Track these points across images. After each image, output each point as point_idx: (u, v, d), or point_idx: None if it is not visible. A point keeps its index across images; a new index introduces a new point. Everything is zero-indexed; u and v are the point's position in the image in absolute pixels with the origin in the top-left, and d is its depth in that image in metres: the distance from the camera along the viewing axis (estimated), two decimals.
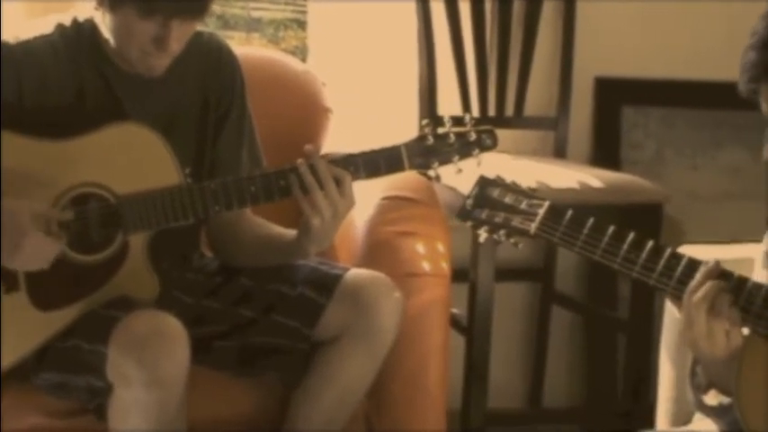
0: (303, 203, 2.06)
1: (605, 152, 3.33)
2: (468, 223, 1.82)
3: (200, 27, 2.17)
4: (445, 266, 2.37)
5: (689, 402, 2.00)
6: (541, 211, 1.75)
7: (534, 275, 3.29)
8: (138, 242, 2.11)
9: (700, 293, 1.61)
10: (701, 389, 1.73)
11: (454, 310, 2.71)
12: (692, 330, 1.62)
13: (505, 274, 3.05)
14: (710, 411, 1.74)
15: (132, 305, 2.08)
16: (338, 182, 2.06)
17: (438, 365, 2.35)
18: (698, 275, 1.63)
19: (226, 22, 3.21)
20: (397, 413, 2.35)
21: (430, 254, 2.37)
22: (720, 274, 1.63)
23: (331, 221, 2.07)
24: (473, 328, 2.80)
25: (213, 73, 2.24)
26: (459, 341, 2.82)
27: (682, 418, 2.04)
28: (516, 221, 1.77)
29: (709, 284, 1.62)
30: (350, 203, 2.07)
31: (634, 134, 3.37)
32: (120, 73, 2.15)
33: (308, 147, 2.08)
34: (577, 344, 3.38)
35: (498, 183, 1.81)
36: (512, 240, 1.79)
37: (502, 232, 1.79)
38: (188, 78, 2.21)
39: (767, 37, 1.57)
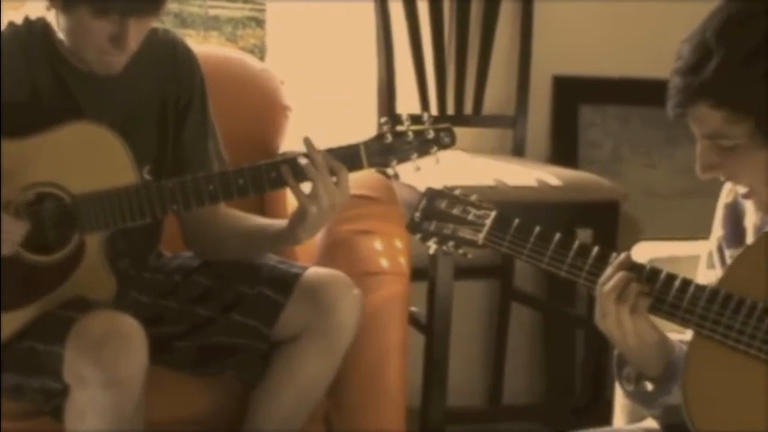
0: (298, 193, 2.07)
1: (563, 150, 3.35)
2: (417, 236, 1.84)
3: (156, 25, 2.16)
4: (404, 263, 2.38)
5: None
6: (488, 221, 1.77)
7: (493, 273, 3.30)
8: (94, 242, 2.10)
9: (609, 284, 1.65)
10: (630, 379, 1.75)
11: (413, 309, 2.71)
12: (604, 320, 1.66)
13: (464, 272, 3.06)
14: (638, 399, 1.76)
15: (89, 306, 2.07)
16: (335, 173, 2.06)
17: (397, 363, 2.36)
18: (609, 268, 1.67)
19: (183, 21, 3.20)
20: (356, 412, 2.35)
21: (388, 252, 2.37)
22: (632, 266, 1.66)
23: (327, 211, 2.07)
24: (432, 327, 2.81)
25: (170, 69, 2.23)
26: (418, 339, 2.82)
27: (638, 414, 2.05)
28: (464, 232, 1.79)
29: (618, 275, 1.65)
30: (346, 194, 2.08)
31: (592, 132, 3.39)
32: (75, 72, 2.13)
33: (306, 138, 2.08)
34: (536, 341, 3.39)
35: (446, 194, 1.82)
36: (460, 251, 1.81)
37: (451, 243, 1.81)
38: (144, 76, 2.20)
39: (692, 61, 1.58)
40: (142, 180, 2.11)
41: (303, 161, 2.06)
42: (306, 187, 2.08)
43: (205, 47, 2.95)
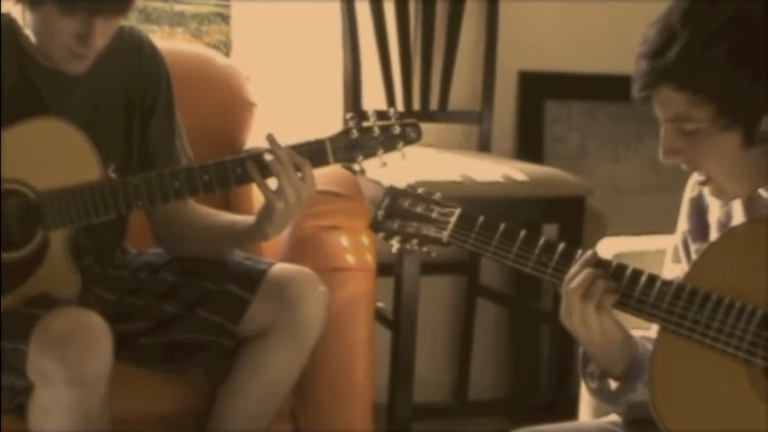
0: (264, 189, 2.06)
1: (529, 146, 3.36)
2: (381, 234, 1.83)
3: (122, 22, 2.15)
4: (370, 259, 2.38)
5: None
6: (453, 219, 1.76)
7: (459, 269, 3.31)
8: (58, 239, 2.08)
9: (575, 281, 1.65)
10: (594, 377, 1.76)
11: (380, 305, 2.71)
12: (570, 318, 1.67)
13: (431, 267, 3.06)
14: (602, 396, 1.77)
15: (54, 303, 2.06)
16: (300, 168, 2.06)
17: (364, 359, 2.36)
18: (575, 265, 1.67)
19: (148, 16, 3.18)
20: (323, 408, 2.35)
21: (354, 247, 2.37)
22: (597, 263, 1.67)
23: (295, 206, 2.07)
24: (399, 322, 2.81)
25: (136, 66, 2.22)
26: (385, 336, 2.82)
27: (604, 409, 2.06)
28: (428, 230, 1.78)
29: (584, 272, 1.65)
30: (312, 189, 2.08)
31: (557, 128, 3.40)
32: (41, 68, 2.12)
33: (269, 134, 2.07)
34: (502, 336, 3.40)
35: (408, 192, 1.82)
36: (424, 249, 1.81)
37: (414, 242, 1.80)
38: (110, 72, 2.19)
39: (657, 45, 1.59)
40: (107, 177, 2.10)
41: (268, 157, 2.06)
42: (272, 183, 2.08)
43: (170, 43, 2.94)
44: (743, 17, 1.56)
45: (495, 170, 2.92)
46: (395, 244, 1.83)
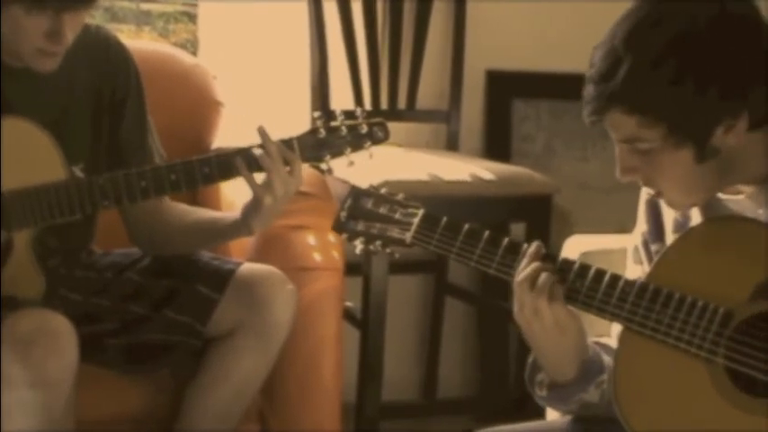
0: (252, 183, 2.06)
1: (496, 144, 3.37)
2: (344, 235, 1.83)
3: (88, 21, 2.14)
4: (337, 258, 2.37)
5: None
6: (416, 220, 1.76)
7: (427, 268, 3.31)
8: (22, 239, 2.07)
9: (522, 274, 1.66)
10: (542, 386, 1.76)
11: (348, 304, 2.71)
12: (522, 312, 1.67)
13: (399, 266, 3.06)
14: (552, 400, 1.77)
15: (18, 304, 2.04)
16: (289, 162, 2.05)
17: (332, 358, 2.35)
18: (524, 260, 1.68)
19: (114, 15, 3.16)
20: (292, 408, 2.34)
21: (322, 246, 2.37)
22: (545, 256, 1.68)
23: (282, 200, 2.07)
24: (367, 322, 2.81)
25: (103, 65, 2.21)
26: (353, 335, 2.82)
27: (566, 414, 2.07)
28: (392, 231, 1.78)
29: (532, 266, 1.66)
30: (299, 183, 2.08)
31: (525, 127, 3.41)
32: (8, 68, 2.10)
33: (260, 127, 2.07)
34: (471, 335, 3.41)
35: (372, 193, 1.81)
36: (388, 250, 1.80)
37: (378, 243, 1.80)
38: (77, 72, 2.18)
39: (602, 69, 1.60)
40: (72, 176, 2.08)
41: (257, 152, 2.05)
42: (258, 177, 2.06)
43: (137, 42, 2.92)
44: (685, 37, 1.57)
45: (463, 169, 2.92)
46: (358, 245, 1.82)
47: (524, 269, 1.67)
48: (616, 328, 1.75)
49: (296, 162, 2.06)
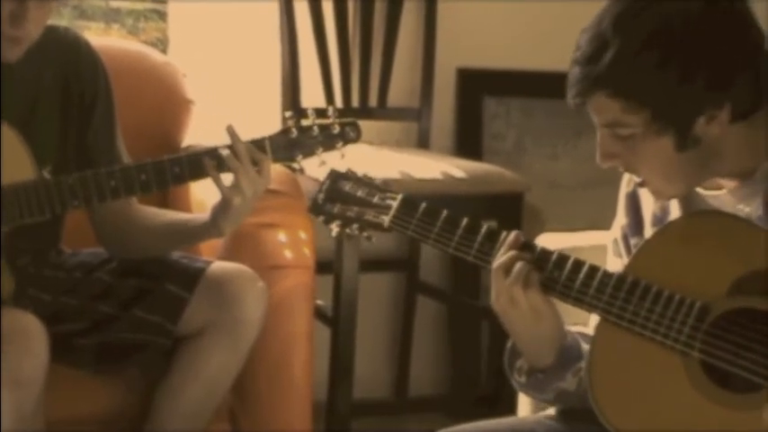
0: (220, 184, 2.04)
1: (467, 142, 3.37)
2: (320, 218, 1.81)
3: (56, 19, 2.12)
4: (308, 256, 2.37)
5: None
6: (395, 204, 1.76)
7: (399, 266, 3.31)
8: None
9: (499, 262, 1.67)
10: (521, 372, 1.77)
11: (319, 302, 2.71)
12: (498, 300, 1.68)
13: (370, 264, 3.06)
14: (530, 387, 1.78)
15: None
16: (257, 163, 2.04)
17: (303, 356, 2.35)
18: (502, 248, 1.69)
19: (83, 13, 3.14)
20: (262, 407, 2.34)
21: (293, 244, 2.36)
22: (523, 245, 1.68)
23: (251, 200, 2.06)
24: (338, 320, 2.81)
25: (73, 66, 2.20)
26: (324, 333, 2.81)
27: (542, 403, 2.08)
28: (369, 215, 1.77)
29: (509, 254, 1.67)
30: (268, 182, 2.07)
31: (495, 124, 3.41)
32: None
33: (229, 126, 2.05)
34: (442, 333, 3.41)
35: (350, 176, 1.81)
36: (365, 234, 1.79)
37: (355, 226, 1.79)
38: (45, 73, 2.16)
39: (589, 52, 1.60)
40: (41, 176, 2.07)
41: (224, 152, 2.04)
42: (226, 177, 2.06)
43: (106, 40, 2.91)
44: (673, 22, 1.58)
45: (434, 167, 2.92)
46: (334, 228, 1.81)
47: (501, 257, 1.67)
48: (594, 317, 1.76)
49: (264, 162, 2.06)
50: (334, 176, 1.81)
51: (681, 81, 1.57)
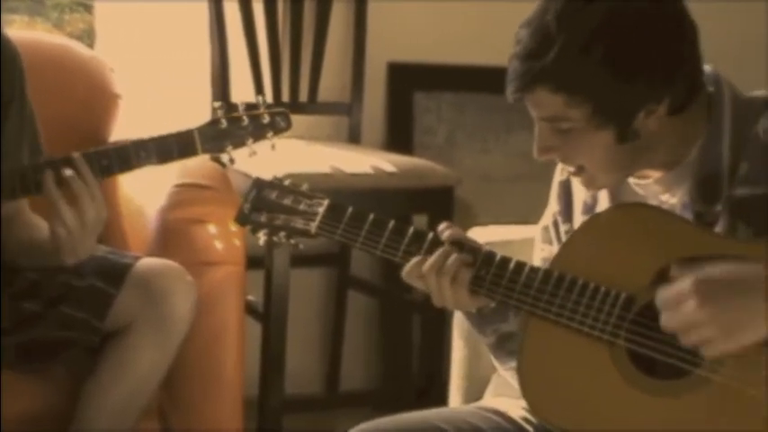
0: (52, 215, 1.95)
1: (398, 137, 3.37)
2: (248, 227, 1.81)
3: None
4: (239, 252, 2.35)
5: (480, 379, 2.07)
6: (321, 210, 1.76)
7: (330, 261, 3.30)
8: None
9: (431, 259, 1.69)
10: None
11: (250, 298, 2.69)
12: (433, 296, 1.71)
13: (301, 260, 3.05)
14: (472, 321, 1.80)
15: None
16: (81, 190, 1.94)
17: (233, 352, 2.33)
18: (429, 247, 1.71)
19: (6, 5, 3.10)
20: (192, 404, 2.31)
21: (222, 240, 2.34)
22: (453, 242, 1.70)
23: (80, 232, 1.95)
24: (269, 315, 2.80)
25: None
26: (255, 329, 2.80)
27: (473, 394, 2.09)
28: (297, 223, 1.77)
29: (438, 252, 1.69)
30: (101, 211, 1.96)
31: (426, 119, 3.42)
32: None
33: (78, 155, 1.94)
34: (373, 327, 3.41)
35: (275, 185, 1.81)
36: (292, 241, 1.80)
37: (282, 234, 1.79)
38: None
39: (532, 46, 1.60)
40: None
41: (68, 172, 1.93)
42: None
43: (31, 33, 2.87)
44: (617, 17, 1.58)
45: (365, 161, 2.92)
46: (261, 237, 1.81)
47: (434, 256, 1.69)
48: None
49: (91, 187, 1.93)
50: (260, 185, 1.81)
51: (624, 77, 1.58)
